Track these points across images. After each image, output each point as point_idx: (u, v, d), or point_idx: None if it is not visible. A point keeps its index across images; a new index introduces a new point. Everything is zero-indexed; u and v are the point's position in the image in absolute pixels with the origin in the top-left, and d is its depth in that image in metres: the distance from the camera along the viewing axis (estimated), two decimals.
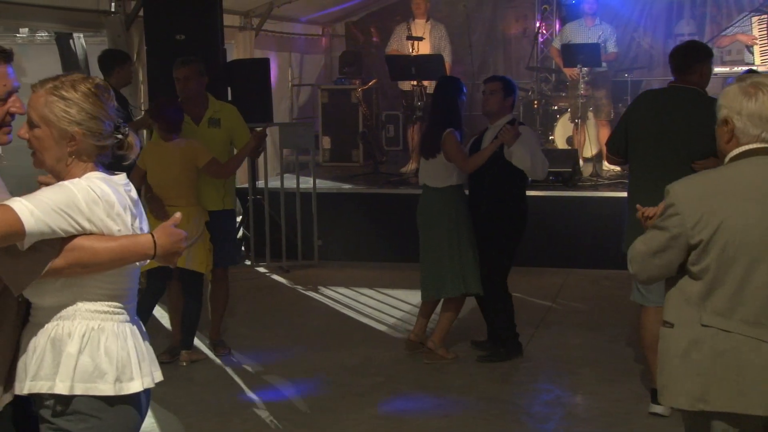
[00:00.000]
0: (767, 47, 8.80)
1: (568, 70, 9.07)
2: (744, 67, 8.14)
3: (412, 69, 8.57)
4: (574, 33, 9.18)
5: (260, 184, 8.32)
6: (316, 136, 9.24)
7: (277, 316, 6.57)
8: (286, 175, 8.22)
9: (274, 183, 8.05)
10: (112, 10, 7.37)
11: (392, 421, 4.55)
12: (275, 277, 7.72)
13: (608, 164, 5.54)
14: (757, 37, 8.85)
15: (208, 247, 5.21)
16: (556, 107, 9.80)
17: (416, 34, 8.91)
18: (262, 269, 7.94)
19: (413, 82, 8.70)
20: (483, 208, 5.29)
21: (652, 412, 4.46)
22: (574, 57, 8.86)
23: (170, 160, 5.13)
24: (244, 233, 8.21)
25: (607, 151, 5.12)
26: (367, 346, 5.75)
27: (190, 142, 5.21)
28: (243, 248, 8.26)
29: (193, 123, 5.40)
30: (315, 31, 11.79)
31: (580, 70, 8.81)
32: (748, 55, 8.95)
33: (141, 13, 7.27)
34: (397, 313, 6.49)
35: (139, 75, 7.37)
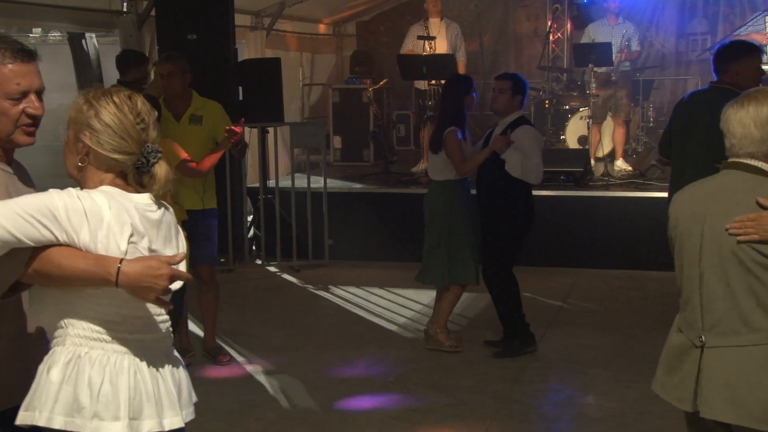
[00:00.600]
0: None
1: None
2: None
3: (423, 68, 8.56)
4: (597, 32, 9.12)
5: (271, 183, 8.34)
6: (326, 136, 9.25)
7: (287, 315, 6.58)
8: (296, 175, 8.22)
9: (285, 182, 8.06)
10: (124, 10, 7.40)
11: (403, 420, 4.54)
12: (286, 277, 7.73)
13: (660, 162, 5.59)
14: None
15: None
16: (567, 107, 9.77)
17: (431, 33, 8.90)
18: (273, 269, 7.94)
19: (430, 82, 8.69)
20: (487, 204, 5.34)
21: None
22: (586, 56, 8.83)
23: None
24: (254, 232, 8.23)
25: (658, 152, 5.17)
26: (378, 345, 5.75)
27: (162, 142, 5.00)
28: (254, 247, 8.28)
29: (173, 120, 5.22)
30: (326, 30, 11.80)
31: (591, 70, 8.78)
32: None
33: (153, 13, 7.31)
34: (407, 313, 6.49)
35: (150, 75, 7.39)
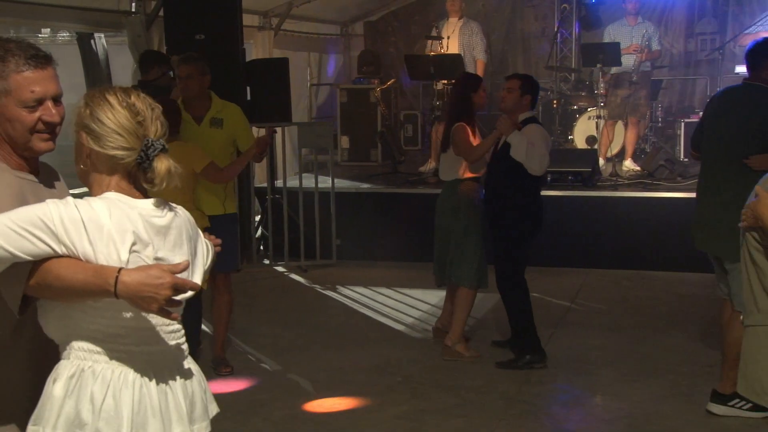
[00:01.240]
0: None
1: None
2: None
3: (430, 69, 8.56)
4: (617, 33, 9.05)
5: (279, 183, 8.35)
6: (334, 136, 9.26)
7: (295, 315, 6.58)
8: (304, 175, 8.23)
9: (293, 182, 8.06)
10: (133, 11, 7.41)
11: (411, 420, 4.54)
12: (293, 277, 7.74)
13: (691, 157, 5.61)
14: None
15: None
16: (575, 107, 9.76)
17: (446, 33, 8.90)
18: (281, 268, 7.95)
19: (444, 81, 8.68)
20: (494, 205, 5.29)
21: (709, 411, 4.48)
22: (594, 56, 8.81)
23: None
24: (262, 233, 8.24)
25: (690, 147, 5.16)
26: (386, 345, 5.75)
27: (187, 145, 4.87)
28: (261, 247, 8.29)
29: (194, 123, 5.15)
30: (334, 30, 11.81)
31: (601, 70, 8.76)
32: None
33: (161, 13, 7.32)
34: (415, 313, 6.49)
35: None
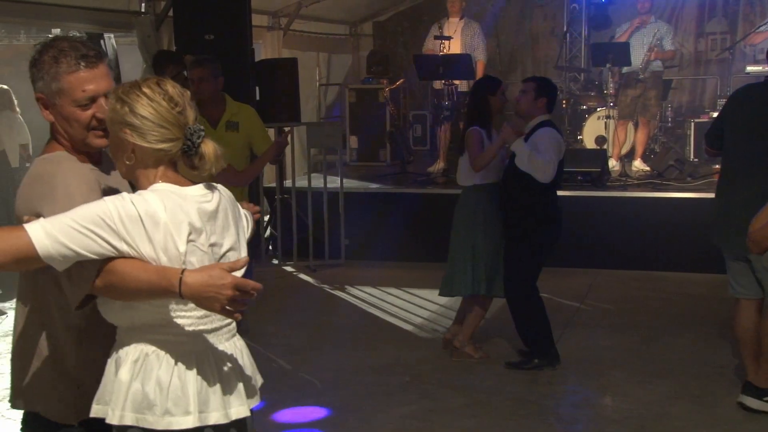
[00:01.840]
0: None
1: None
2: None
3: (440, 68, 8.55)
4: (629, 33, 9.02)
5: (288, 183, 8.36)
6: (343, 136, 9.27)
7: (303, 315, 6.59)
8: (313, 175, 8.23)
9: (302, 182, 8.08)
10: (142, 11, 7.44)
11: (419, 421, 4.54)
12: (302, 276, 7.75)
13: (707, 154, 5.54)
14: None
15: None
16: (584, 107, 9.74)
17: (448, 32, 8.89)
18: (289, 268, 7.96)
19: (444, 81, 8.68)
20: (508, 212, 5.21)
21: (740, 402, 4.49)
22: (603, 56, 8.79)
23: None
24: (271, 232, 8.25)
25: (705, 143, 5.12)
26: (394, 345, 5.75)
27: None
28: (270, 247, 8.30)
29: (209, 126, 5.11)
30: (343, 30, 11.82)
31: (609, 69, 8.73)
32: None
33: (170, 14, 7.34)
34: (423, 313, 6.48)
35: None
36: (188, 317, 2.13)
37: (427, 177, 8.85)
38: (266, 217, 8.31)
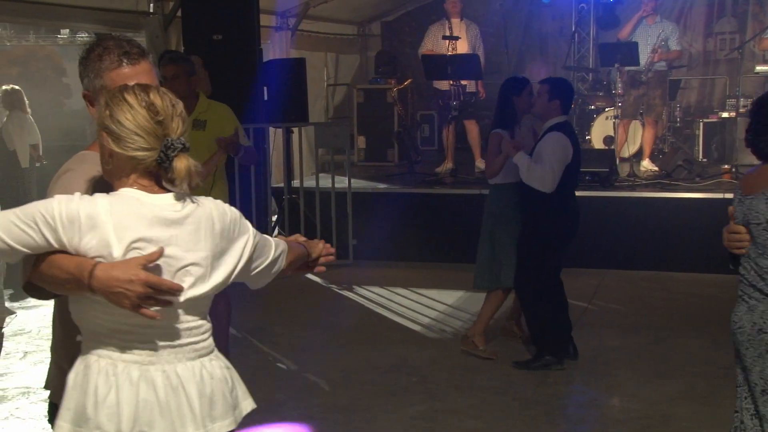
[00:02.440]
0: None
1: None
2: None
3: (447, 69, 8.55)
4: (635, 32, 9.00)
5: (295, 183, 8.37)
6: (351, 136, 9.27)
7: (311, 315, 6.60)
8: (321, 175, 8.25)
9: (309, 182, 8.09)
10: (151, 11, 7.47)
11: (426, 421, 4.54)
12: (310, 276, 7.75)
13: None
14: None
15: None
16: (593, 107, 9.73)
17: (454, 33, 8.89)
18: None
19: (450, 82, 8.68)
20: (524, 210, 5.24)
21: None
22: (611, 56, 8.77)
23: None
24: (279, 232, 8.26)
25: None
26: (402, 345, 5.75)
27: None
28: None
29: None
30: (350, 30, 11.83)
31: (618, 69, 8.71)
32: None
33: (179, 14, 7.36)
34: (431, 313, 6.49)
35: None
36: (132, 325, 2.02)
37: (434, 177, 8.85)
38: (274, 217, 8.33)
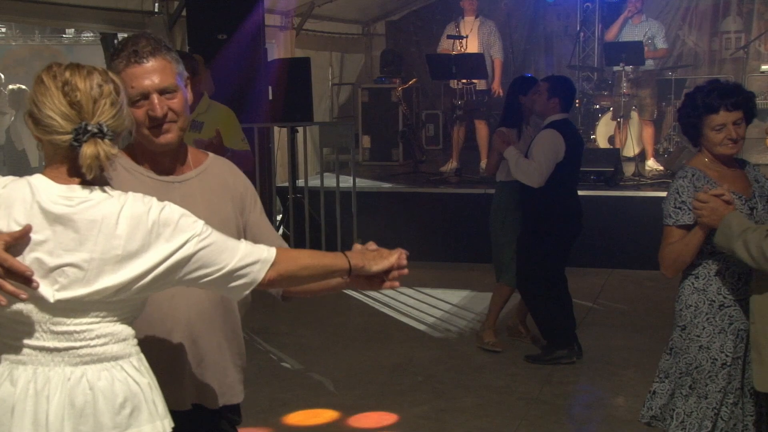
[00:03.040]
0: None
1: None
2: None
3: (452, 68, 8.54)
4: (621, 32, 9.01)
5: (300, 182, 8.37)
6: (355, 135, 9.25)
7: (316, 314, 6.59)
8: (325, 174, 8.24)
9: (314, 182, 8.08)
10: (156, 11, 7.47)
11: (432, 420, 4.54)
12: None
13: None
14: None
15: None
16: (597, 106, 9.71)
17: (465, 31, 8.89)
18: None
19: (462, 81, 8.67)
20: (523, 210, 5.27)
21: None
22: (617, 55, 8.76)
23: None
24: (283, 232, 8.26)
25: None
26: (407, 345, 5.75)
27: None
28: None
29: None
30: (355, 30, 11.82)
31: (623, 69, 8.70)
32: None
33: (184, 13, 7.36)
34: (437, 313, 6.48)
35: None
36: (3, 318, 1.86)
37: (439, 176, 8.84)
38: (279, 217, 8.32)
